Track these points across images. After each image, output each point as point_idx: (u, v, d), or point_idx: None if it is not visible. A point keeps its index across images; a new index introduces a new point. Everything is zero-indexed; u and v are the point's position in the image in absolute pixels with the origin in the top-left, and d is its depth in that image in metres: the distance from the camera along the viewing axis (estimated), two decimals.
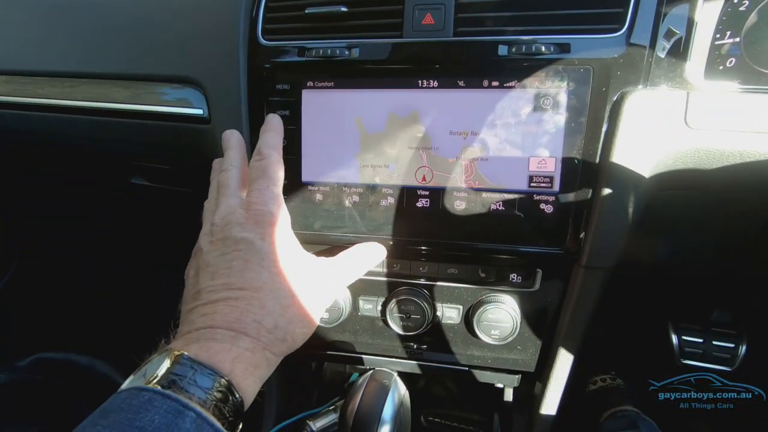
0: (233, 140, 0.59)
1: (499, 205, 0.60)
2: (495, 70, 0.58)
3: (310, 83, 0.62)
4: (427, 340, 0.74)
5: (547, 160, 0.57)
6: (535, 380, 0.77)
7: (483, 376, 0.76)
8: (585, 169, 0.57)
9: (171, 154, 0.88)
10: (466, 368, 0.75)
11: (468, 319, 0.69)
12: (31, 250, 1.36)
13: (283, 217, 0.51)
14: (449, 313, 0.70)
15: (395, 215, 0.63)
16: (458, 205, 0.61)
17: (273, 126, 0.60)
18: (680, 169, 0.57)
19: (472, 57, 0.58)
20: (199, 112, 0.71)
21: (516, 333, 0.66)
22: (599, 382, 1.03)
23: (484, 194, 0.60)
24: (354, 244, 0.62)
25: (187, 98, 0.73)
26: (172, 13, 0.75)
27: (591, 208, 0.58)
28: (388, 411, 0.65)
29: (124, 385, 0.40)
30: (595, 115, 0.56)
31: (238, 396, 0.41)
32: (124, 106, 0.76)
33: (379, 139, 0.61)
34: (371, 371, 0.74)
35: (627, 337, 1.18)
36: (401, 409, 0.68)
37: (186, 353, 0.41)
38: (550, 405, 0.73)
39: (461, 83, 0.58)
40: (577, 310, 0.65)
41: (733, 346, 1.02)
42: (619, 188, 0.56)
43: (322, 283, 0.52)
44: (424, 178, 0.61)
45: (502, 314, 0.65)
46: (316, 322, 0.51)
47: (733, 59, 0.55)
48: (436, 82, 0.59)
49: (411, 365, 0.77)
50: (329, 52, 0.61)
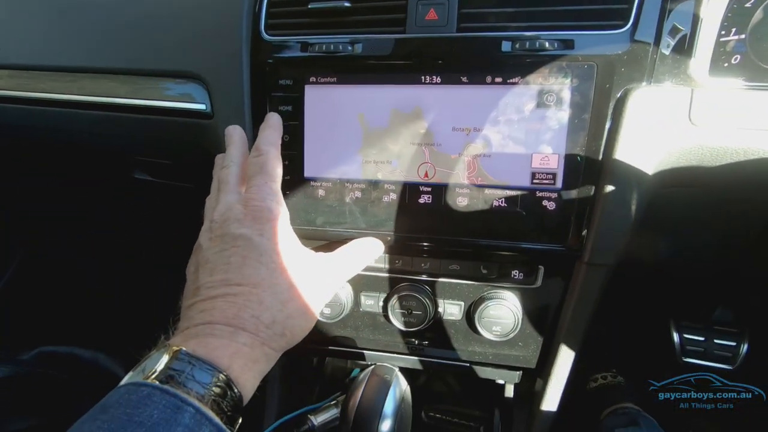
0: (235, 136, 0.59)
1: (502, 202, 0.60)
2: (498, 66, 0.57)
3: (313, 79, 0.62)
4: (429, 336, 0.74)
5: (549, 157, 0.57)
6: (536, 377, 0.77)
7: (484, 373, 0.76)
8: (588, 166, 0.57)
9: (173, 149, 0.88)
10: (467, 364, 0.75)
11: (469, 316, 0.69)
12: (34, 245, 1.37)
13: (281, 213, 0.51)
14: (451, 310, 0.70)
15: (397, 211, 0.63)
16: (460, 201, 0.61)
17: (272, 123, 0.60)
18: (684, 166, 0.57)
19: (475, 53, 0.58)
20: (202, 107, 0.71)
21: (517, 329, 0.66)
22: (600, 380, 1.03)
23: (487, 191, 0.60)
24: None
25: (189, 93, 0.73)
26: (175, 8, 0.75)
27: (593, 205, 0.58)
28: (389, 406, 0.65)
29: (124, 381, 0.40)
30: (599, 112, 0.55)
31: (236, 391, 0.41)
32: (126, 101, 0.76)
33: (381, 135, 0.61)
34: (372, 366, 0.74)
35: (628, 335, 1.18)
36: (402, 405, 0.68)
37: (184, 349, 0.41)
38: (550, 402, 0.73)
39: (464, 79, 0.58)
40: (579, 307, 0.65)
41: (734, 344, 1.02)
42: (621, 185, 0.56)
43: (320, 279, 0.52)
44: (427, 174, 0.61)
45: (504, 311, 0.66)
46: (315, 317, 0.51)
47: (739, 56, 0.54)
48: (439, 78, 0.59)
49: (412, 361, 0.77)
50: (332, 47, 0.61)
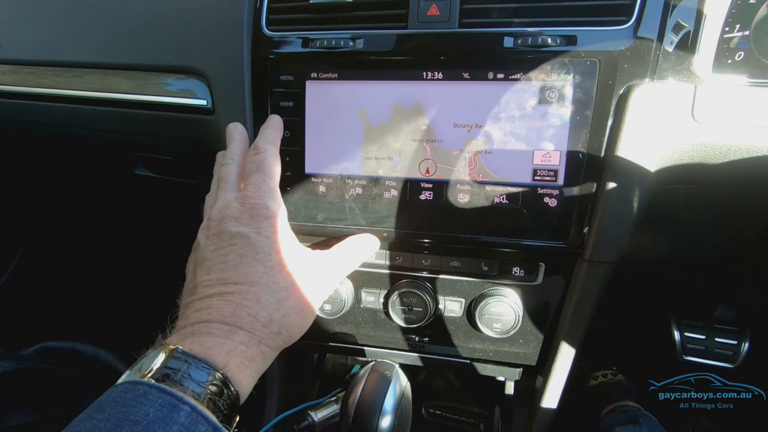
0: (236, 134, 0.59)
1: (503, 199, 0.59)
2: (500, 62, 0.57)
3: (314, 74, 0.62)
4: (429, 332, 0.74)
5: (551, 154, 0.57)
6: (536, 374, 0.77)
7: (484, 369, 0.76)
8: (590, 163, 0.56)
9: (174, 145, 0.88)
10: (468, 361, 0.75)
11: (470, 312, 0.69)
12: (36, 241, 1.37)
13: (278, 211, 0.51)
14: (451, 306, 0.70)
15: (398, 208, 0.63)
16: (462, 198, 0.61)
17: (273, 124, 0.61)
18: (686, 163, 0.57)
19: (477, 49, 0.58)
20: (203, 102, 0.71)
21: (518, 327, 0.66)
22: (600, 378, 1.03)
23: (488, 187, 0.60)
24: None
25: (191, 89, 0.73)
26: (176, 3, 0.75)
27: (595, 202, 0.57)
28: (389, 402, 0.65)
29: (120, 380, 0.40)
30: (601, 109, 0.55)
31: (233, 389, 0.41)
32: (127, 97, 0.76)
33: (382, 131, 0.61)
34: (373, 363, 0.74)
35: (629, 333, 1.18)
36: (402, 401, 0.68)
37: (180, 347, 0.41)
38: (551, 399, 0.73)
39: (466, 75, 0.58)
40: (580, 305, 0.65)
41: (735, 343, 1.02)
42: (624, 182, 0.56)
43: (318, 277, 0.52)
44: (428, 171, 0.61)
45: (504, 308, 0.65)
46: (313, 315, 0.51)
47: (742, 53, 0.54)
48: (440, 74, 0.59)
49: (413, 357, 0.77)
50: (333, 42, 0.60)
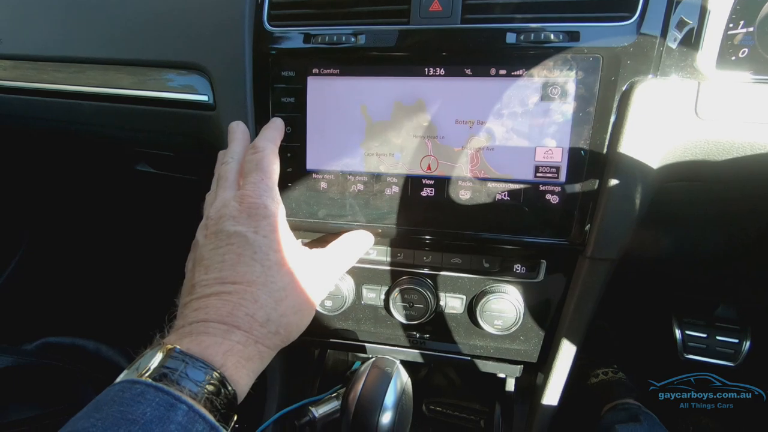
0: (238, 132, 0.59)
1: (505, 195, 0.59)
2: (503, 58, 0.57)
3: (316, 70, 0.62)
4: (430, 329, 0.74)
5: (553, 150, 0.57)
6: (537, 371, 0.77)
7: (485, 366, 0.76)
8: (592, 160, 0.56)
9: (175, 141, 0.88)
10: (469, 358, 0.75)
11: (471, 309, 0.69)
12: (37, 237, 1.37)
13: (276, 210, 0.51)
14: (452, 303, 0.70)
15: (400, 204, 0.63)
16: (463, 194, 0.61)
17: (274, 124, 0.61)
18: (689, 160, 0.57)
19: (479, 45, 0.58)
20: (204, 98, 0.71)
21: (519, 324, 0.66)
22: (601, 375, 1.03)
23: (490, 184, 0.60)
24: None
25: (192, 85, 0.72)
26: None
27: (597, 199, 0.57)
28: (390, 399, 0.65)
29: (118, 379, 0.40)
30: (604, 105, 0.55)
31: (230, 388, 0.41)
32: (129, 92, 0.76)
33: (384, 128, 0.61)
34: (373, 359, 0.74)
35: (630, 331, 1.18)
36: (403, 397, 0.68)
37: (178, 347, 0.41)
38: (551, 396, 0.73)
39: (468, 71, 0.58)
40: (581, 302, 0.65)
41: (737, 341, 1.02)
42: (626, 179, 0.56)
43: (315, 276, 0.52)
44: (429, 167, 0.61)
45: (506, 305, 0.65)
46: (311, 315, 0.51)
47: (746, 49, 0.54)
48: (442, 70, 0.58)
49: (413, 354, 0.77)
50: (335, 38, 0.60)
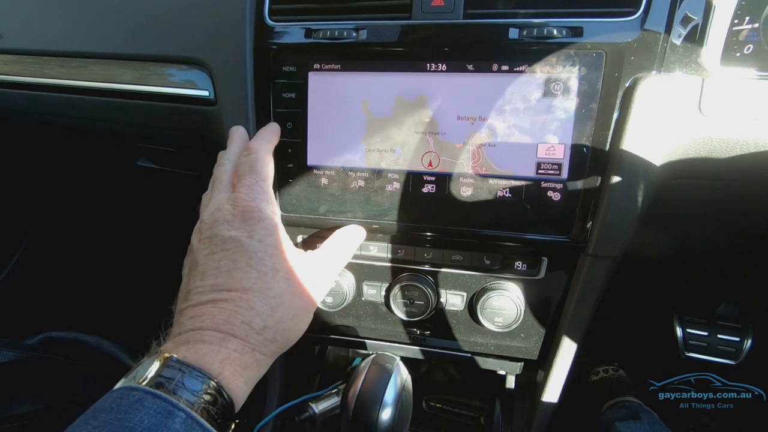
0: (237, 135, 0.59)
1: (506, 192, 0.59)
2: (505, 53, 0.56)
3: (317, 65, 0.62)
4: (431, 326, 0.74)
5: (555, 147, 0.57)
6: (537, 368, 0.77)
7: (485, 363, 0.76)
8: (594, 157, 0.56)
9: (176, 136, 0.87)
10: (469, 355, 0.75)
11: (472, 306, 0.69)
12: (39, 232, 1.38)
13: (271, 213, 0.50)
14: (453, 300, 0.70)
15: (401, 200, 0.62)
16: (464, 191, 0.60)
17: (270, 128, 0.61)
18: (692, 157, 0.56)
19: (482, 40, 0.57)
20: (205, 93, 0.71)
21: (519, 321, 0.66)
22: (602, 373, 1.03)
23: (491, 180, 0.59)
24: None
25: (193, 80, 0.72)
26: None
27: (599, 196, 0.57)
28: (390, 395, 0.65)
29: (116, 387, 0.40)
30: (607, 101, 0.55)
31: (227, 397, 0.41)
32: (130, 87, 0.76)
33: (385, 124, 0.61)
34: (373, 355, 0.74)
35: (631, 329, 1.18)
36: (403, 394, 0.68)
37: (175, 356, 0.40)
38: (551, 393, 0.73)
39: (470, 67, 0.57)
40: (582, 299, 0.64)
41: (738, 339, 1.01)
42: (628, 176, 0.55)
43: (312, 279, 0.51)
44: (431, 164, 0.61)
45: (506, 302, 0.65)
46: (308, 320, 0.51)
47: (751, 45, 0.53)
48: (444, 66, 0.58)
49: (414, 351, 0.77)
50: (336, 33, 0.60)
